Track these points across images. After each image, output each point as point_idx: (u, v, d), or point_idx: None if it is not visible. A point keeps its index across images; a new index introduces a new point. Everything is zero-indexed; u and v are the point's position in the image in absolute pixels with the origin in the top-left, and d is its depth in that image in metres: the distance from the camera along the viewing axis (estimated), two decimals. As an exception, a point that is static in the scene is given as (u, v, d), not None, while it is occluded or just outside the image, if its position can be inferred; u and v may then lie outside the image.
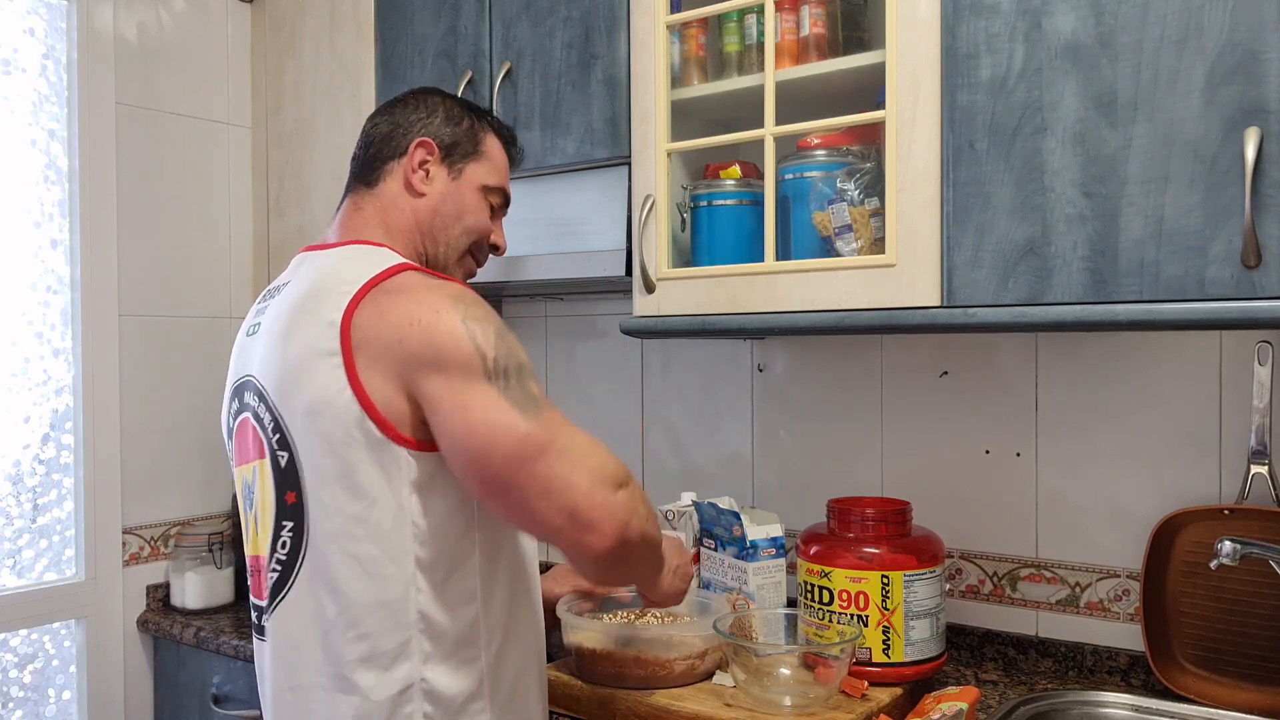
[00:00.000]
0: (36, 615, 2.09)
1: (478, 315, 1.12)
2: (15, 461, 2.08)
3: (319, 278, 1.19)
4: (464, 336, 1.09)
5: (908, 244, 1.40)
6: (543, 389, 1.15)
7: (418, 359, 1.08)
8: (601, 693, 1.47)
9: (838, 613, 1.49)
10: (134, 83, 2.23)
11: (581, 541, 1.08)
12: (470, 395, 1.08)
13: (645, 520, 1.14)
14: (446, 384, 1.08)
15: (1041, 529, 1.67)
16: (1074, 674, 1.62)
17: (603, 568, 1.13)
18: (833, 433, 1.89)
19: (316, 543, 1.14)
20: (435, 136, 1.31)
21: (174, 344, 2.30)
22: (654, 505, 1.22)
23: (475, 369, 1.08)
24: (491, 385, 1.08)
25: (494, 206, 1.37)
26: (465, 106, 1.36)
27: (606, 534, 1.08)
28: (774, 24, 1.54)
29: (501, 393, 1.08)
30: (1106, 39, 1.25)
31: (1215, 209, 1.18)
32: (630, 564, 1.16)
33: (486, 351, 1.09)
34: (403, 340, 1.09)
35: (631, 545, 1.11)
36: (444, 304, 1.11)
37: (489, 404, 1.07)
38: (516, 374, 1.11)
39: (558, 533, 1.09)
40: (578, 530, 1.08)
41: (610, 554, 1.09)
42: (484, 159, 1.34)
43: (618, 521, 1.08)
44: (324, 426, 1.11)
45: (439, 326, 1.09)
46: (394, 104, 1.35)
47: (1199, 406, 1.54)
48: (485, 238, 1.36)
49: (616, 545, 1.09)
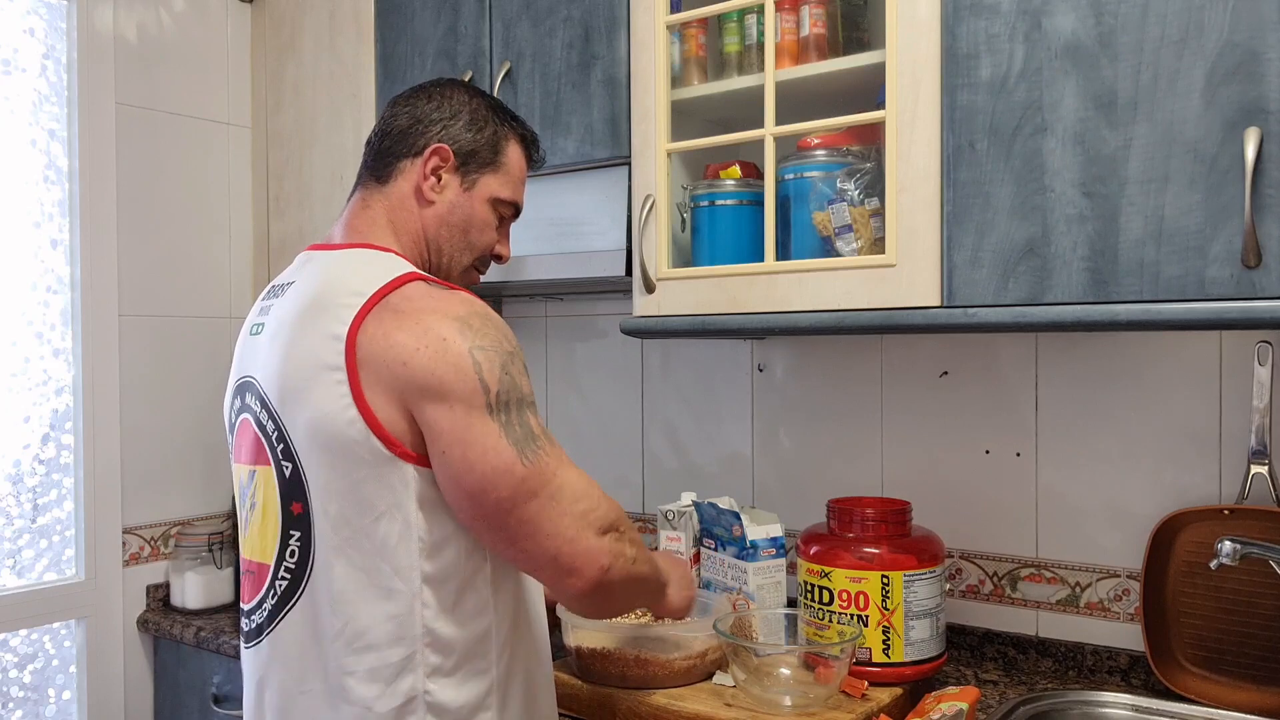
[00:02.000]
0: (36, 615, 2.09)
1: (484, 344, 1.11)
2: (15, 461, 2.08)
3: (324, 285, 1.17)
4: (469, 368, 1.08)
5: (908, 244, 1.40)
6: (542, 421, 1.16)
7: (421, 386, 1.08)
8: (601, 693, 1.47)
9: (838, 613, 1.49)
10: (134, 83, 2.23)
11: (562, 582, 1.13)
12: (471, 430, 1.08)
13: (631, 563, 1.17)
14: (449, 414, 1.08)
15: (1041, 529, 1.67)
16: (1074, 674, 1.62)
17: (584, 605, 1.18)
18: (833, 433, 1.89)
19: (323, 555, 1.13)
20: (454, 142, 1.27)
21: (174, 344, 2.30)
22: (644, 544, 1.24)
23: (478, 402, 1.08)
24: (493, 420, 1.09)
25: (503, 217, 1.34)
26: (491, 109, 1.31)
27: (586, 578, 1.12)
28: (774, 24, 1.54)
29: (502, 429, 1.09)
30: (1106, 39, 1.25)
31: (1215, 209, 1.18)
32: (614, 602, 1.20)
33: (490, 385, 1.09)
34: (407, 364, 1.08)
35: (612, 587, 1.14)
36: (451, 330, 1.10)
37: (489, 442, 1.09)
38: (518, 408, 1.12)
39: (540, 570, 1.14)
40: (559, 573, 1.12)
41: (589, 595, 1.13)
42: (501, 170, 1.31)
43: (598, 567, 1.12)
44: (329, 442, 1.10)
45: (445, 355, 1.08)
46: (419, 92, 1.30)
47: (1199, 406, 1.54)
48: (489, 252, 1.34)
49: (595, 588, 1.13)
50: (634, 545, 1.19)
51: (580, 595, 1.13)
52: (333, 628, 1.13)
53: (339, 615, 1.13)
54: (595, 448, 2.20)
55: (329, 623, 1.13)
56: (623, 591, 1.18)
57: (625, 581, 1.16)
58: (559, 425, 2.26)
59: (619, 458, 2.17)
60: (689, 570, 1.45)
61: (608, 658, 1.47)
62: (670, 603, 1.38)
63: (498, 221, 1.33)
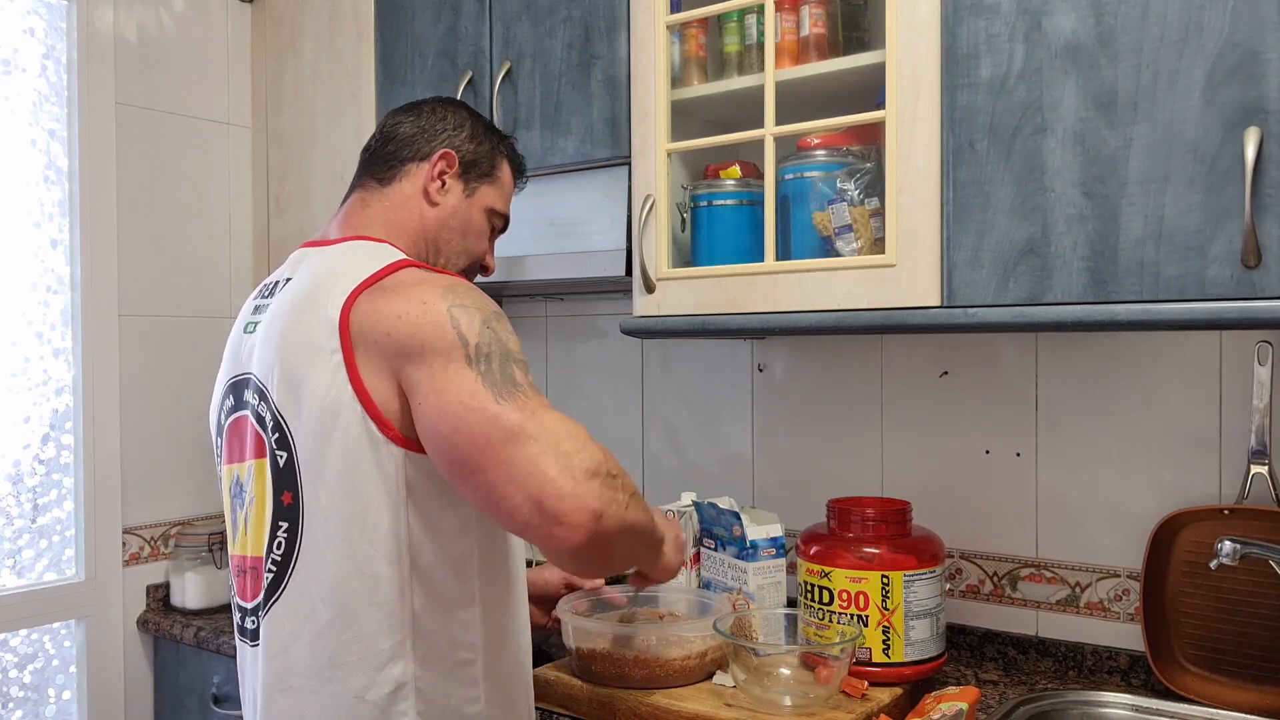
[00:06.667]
0: (36, 615, 2.09)
1: (466, 303, 1.11)
2: (15, 461, 2.08)
3: (319, 276, 1.19)
4: (447, 325, 1.09)
5: (908, 244, 1.40)
6: (531, 378, 1.11)
7: (405, 349, 1.09)
8: (601, 693, 1.47)
9: (838, 613, 1.49)
10: (134, 83, 2.23)
11: (552, 535, 1.02)
12: (447, 379, 1.07)
13: (625, 508, 1.07)
14: (428, 370, 1.08)
15: (1041, 529, 1.67)
16: (1074, 674, 1.62)
17: (580, 562, 1.07)
18: (833, 433, 1.89)
19: (313, 543, 1.14)
20: (459, 150, 1.34)
21: (174, 344, 2.30)
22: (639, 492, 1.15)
23: (456, 355, 1.07)
24: (470, 369, 1.07)
25: (494, 228, 1.41)
26: (487, 127, 1.40)
27: (576, 526, 1.01)
28: (774, 24, 1.54)
29: (480, 375, 1.07)
30: (1106, 39, 1.25)
31: (1215, 209, 1.18)
32: (613, 556, 1.10)
33: (469, 338, 1.09)
34: (390, 332, 1.09)
35: (609, 536, 1.04)
36: (432, 294, 1.11)
37: (464, 386, 1.06)
38: (501, 359, 1.09)
39: (527, 525, 1.03)
40: (546, 523, 1.01)
41: (584, 548, 1.02)
42: (496, 183, 1.39)
43: (588, 512, 1.01)
44: (326, 427, 1.11)
45: (425, 316, 1.09)
46: (419, 107, 1.37)
47: (1199, 406, 1.54)
48: (480, 260, 1.40)
49: (590, 539, 1.02)
50: (626, 491, 1.09)
51: (573, 551, 1.02)
52: (323, 617, 1.14)
53: (329, 604, 1.13)
54: (595, 448, 2.20)
55: (320, 612, 1.14)
56: (619, 543, 1.07)
57: (620, 530, 1.06)
58: (559, 425, 2.26)
59: (619, 458, 2.15)
60: (680, 530, 1.42)
61: (608, 658, 1.47)
62: (665, 560, 1.32)
63: (490, 232, 1.40)
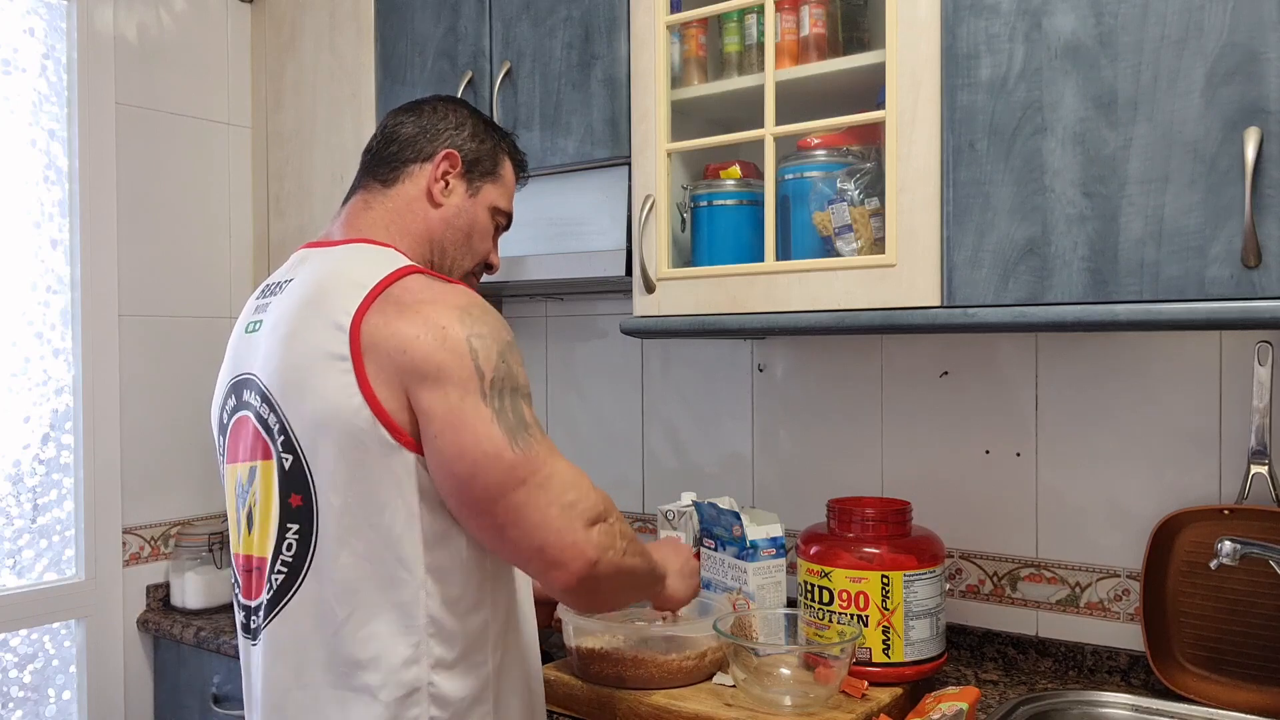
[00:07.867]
0: (36, 615, 2.09)
1: (483, 332, 1.13)
2: (15, 461, 2.08)
3: (325, 278, 1.18)
4: (465, 354, 1.10)
5: (908, 244, 1.40)
6: (535, 413, 1.17)
7: (420, 372, 1.09)
8: (601, 693, 1.47)
9: (838, 613, 1.49)
10: (134, 83, 2.23)
11: (549, 575, 1.11)
12: (464, 414, 1.09)
13: (621, 555, 1.15)
14: (443, 398, 1.09)
15: (1041, 529, 1.67)
16: (1074, 674, 1.62)
17: (573, 599, 1.17)
18: (833, 433, 1.89)
19: (327, 545, 1.14)
20: (462, 150, 1.33)
21: (174, 344, 2.30)
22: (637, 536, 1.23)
23: (472, 387, 1.10)
24: (486, 405, 1.10)
25: (498, 226, 1.40)
26: (488, 125, 1.39)
27: (573, 571, 1.10)
28: (774, 24, 1.54)
29: (495, 414, 1.10)
30: (1106, 39, 1.25)
31: (1215, 209, 1.18)
32: (602, 596, 1.18)
33: (485, 371, 1.11)
34: (407, 351, 1.10)
35: (601, 580, 1.13)
36: (451, 318, 1.12)
37: (480, 428, 1.09)
38: (512, 396, 1.12)
39: (527, 565, 1.13)
40: (545, 566, 1.11)
41: (577, 589, 1.12)
42: (499, 180, 1.38)
43: (585, 560, 1.10)
44: (335, 431, 1.11)
45: (444, 342, 1.10)
46: (420, 106, 1.36)
47: (1199, 406, 1.54)
48: (485, 259, 1.39)
49: (583, 581, 1.11)
50: (624, 537, 1.18)
51: (567, 589, 1.12)
52: (337, 618, 1.14)
53: (344, 605, 1.13)
54: (595, 448, 2.20)
55: (334, 613, 1.14)
56: (611, 585, 1.16)
57: (614, 575, 1.15)
58: (559, 425, 2.26)
59: (619, 458, 2.17)
60: (692, 557, 1.45)
61: (607, 658, 1.47)
62: (671, 593, 1.38)
63: (494, 230, 1.39)
